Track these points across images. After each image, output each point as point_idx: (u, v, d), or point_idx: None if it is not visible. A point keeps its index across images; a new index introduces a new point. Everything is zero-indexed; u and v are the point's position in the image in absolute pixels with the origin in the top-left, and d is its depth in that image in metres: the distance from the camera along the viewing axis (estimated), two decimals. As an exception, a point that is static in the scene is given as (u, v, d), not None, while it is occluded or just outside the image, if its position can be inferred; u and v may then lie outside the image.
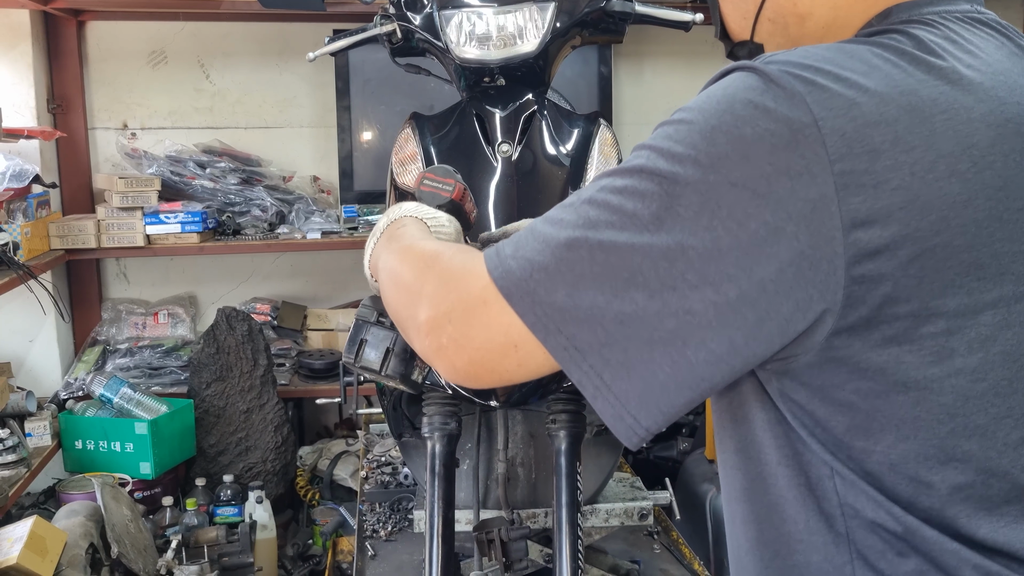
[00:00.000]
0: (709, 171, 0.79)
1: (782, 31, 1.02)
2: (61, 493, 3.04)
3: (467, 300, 0.87)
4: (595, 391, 0.82)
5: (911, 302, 0.78)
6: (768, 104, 0.79)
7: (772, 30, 1.03)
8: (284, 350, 3.66)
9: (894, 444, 0.83)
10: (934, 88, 0.80)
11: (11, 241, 2.95)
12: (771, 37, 1.04)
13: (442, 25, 1.83)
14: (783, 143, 0.77)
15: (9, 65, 3.40)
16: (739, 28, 1.08)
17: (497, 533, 1.70)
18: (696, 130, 0.82)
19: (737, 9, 1.06)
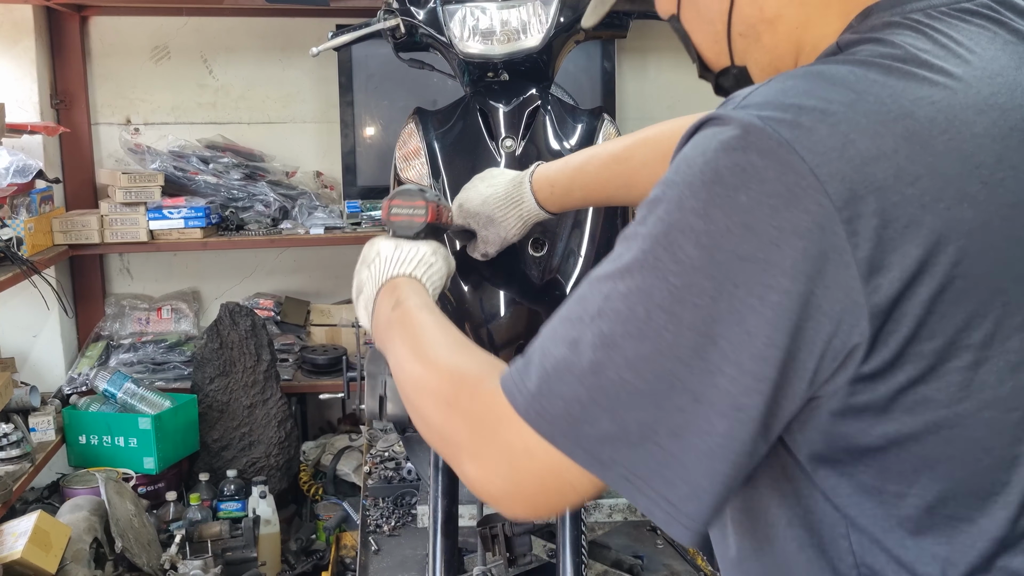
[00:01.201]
0: (714, 251, 0.73)
1: (756, 43, 0.95)
2: (65, 488, 3.05)
3: (510, 454, 0.81)
4: (667, 517, 0.76)
5: (935, 339, 0.74)
6: (755, 162, 0.72)
7: (747, 46, 0.96)
8: (287, 345, 3.66)
9: (929, 485, 0.78)
10: (930, 107, 0.74)
11: (15, 236, 2.96)
12: (749, 54, 0.96)
13: (446, 20, 1.83)
14: (783, 203, 0.71)
15: (12, 60, 3.40)
16: (716, 56, 1.01)
17: (501, 528, 1.71)
18: (688, 210, 0.74)
19: (707, 36, 1.00)
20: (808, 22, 0.90)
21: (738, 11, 0.93)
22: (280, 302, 3.82)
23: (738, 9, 0.93)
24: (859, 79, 0.76)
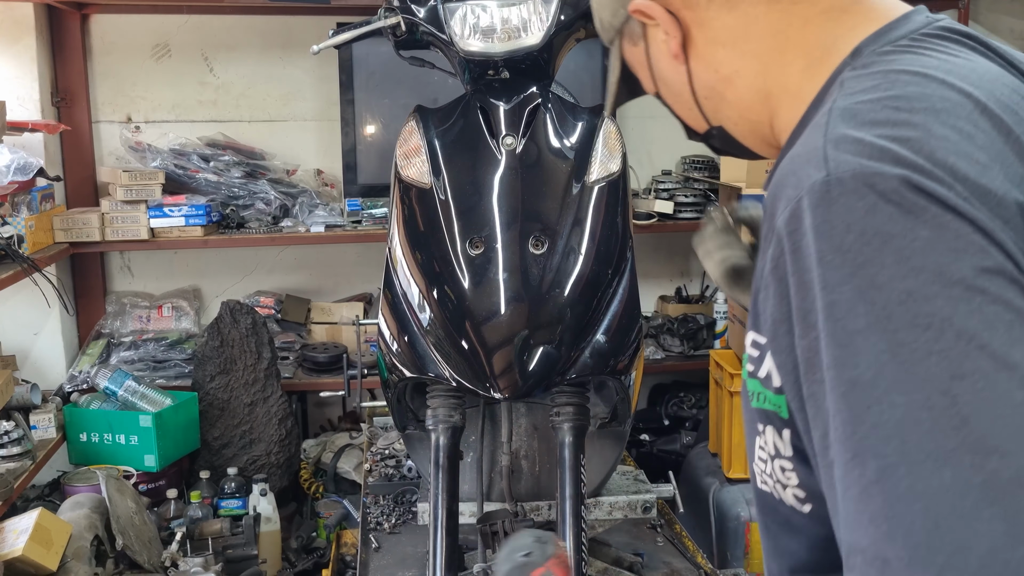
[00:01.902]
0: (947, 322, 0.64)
1: (722, 102, 0.99)
2: (66, 485, 3.05)
3: None
4: None
5: None
6: (900, 212, 0.69)
7: (715, 106, 1.01)
8: (288, 343, 3.66)
9: None
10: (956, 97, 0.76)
11: (15, 234, 2.96)
12: (720, 112, 1.01)
13: (446, 18, 1.83)
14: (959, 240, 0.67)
15: (13, 59, 3.40)
16: (694, 121, 1.07)
17: (501, 525, 1.71)
18: (885, 291, 0.67)
19: (683, 106, 1.05)
20: (767, 71, 0.93)
21: (697, 78, 0.99)
22: (281, 300, 3.82)
23: (696, 76, 0.99)
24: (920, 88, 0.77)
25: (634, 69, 1.11)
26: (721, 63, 0.96)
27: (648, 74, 1.07)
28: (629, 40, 1.07)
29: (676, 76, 1.01)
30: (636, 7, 0.99)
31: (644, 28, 1.02)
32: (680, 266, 4.28)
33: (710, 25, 0.96)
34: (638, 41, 1.05)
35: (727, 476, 3.02)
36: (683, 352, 3.83)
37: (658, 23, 0.98)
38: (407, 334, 1.73)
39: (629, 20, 1.03)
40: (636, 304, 1.76)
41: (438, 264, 1.70)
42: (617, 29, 1.07)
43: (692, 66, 0.99)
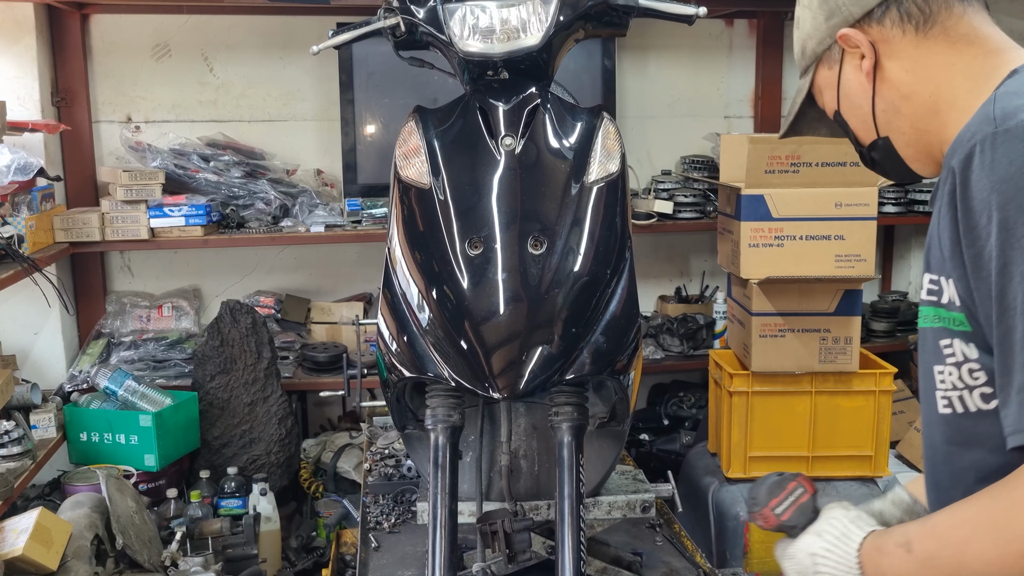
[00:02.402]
0: None
1: (897, 115, 1.29)
2: (66, 485, 3.05)
3: None
4: None
5: None
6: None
7: (888, 119, 1.30)
8: (288, 343, 3.67)
9: None
10: None
11: (16, 234, 2.96)
12: (891, 124, 1.30)
13: (445, 18, 1.84)
14: None
15: (13, 59, 3.40)
16: (865, 132, 1.35)
17: (500, 525, 1.71)
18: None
19: (857, 117, 1.34)
20: (938, 91, 1.24)
21: (879, 95, 1.29)
22: (281, 300, 3.83)
23: (879, 93, 1.29)
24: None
25: (820, 90, 1.39)
26: (902, 84, 1.26)
27: (834, 93, 1.36)
28: (826, 65, 1.36)
29: (862, 92, 1.31)
30: (845, 35, 1.29)
31: (843, 53, 1.31)
32: (680, 266, 4.28)
33: (898, 55, 1.26)
34: (834, 65, 1.34)
35: (726, 476, 3.02)
36: (682, 352, 3.84)
37: (860, 49, 1.28)
38: (406, 334, 1.73)
39: (832, 48, 1.32)
40: (635, 304, 1.77)
41: (437, 264, 1.70)
42: (818, 55, 1.35)
43: (877, 85, 1.29)
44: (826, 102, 1.39)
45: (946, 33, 1.24)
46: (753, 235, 2.85)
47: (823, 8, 1.33)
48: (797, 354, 2.91)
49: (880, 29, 1.27)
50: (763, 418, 2.96)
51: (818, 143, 2.84)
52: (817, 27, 1.34)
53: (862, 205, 2.82)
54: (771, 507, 1.24)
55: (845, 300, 2.89)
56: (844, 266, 2.84)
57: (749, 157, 2.82)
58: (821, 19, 1.33)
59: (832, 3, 1.31)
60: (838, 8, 1.30)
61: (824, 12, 1.32)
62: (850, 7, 1.29)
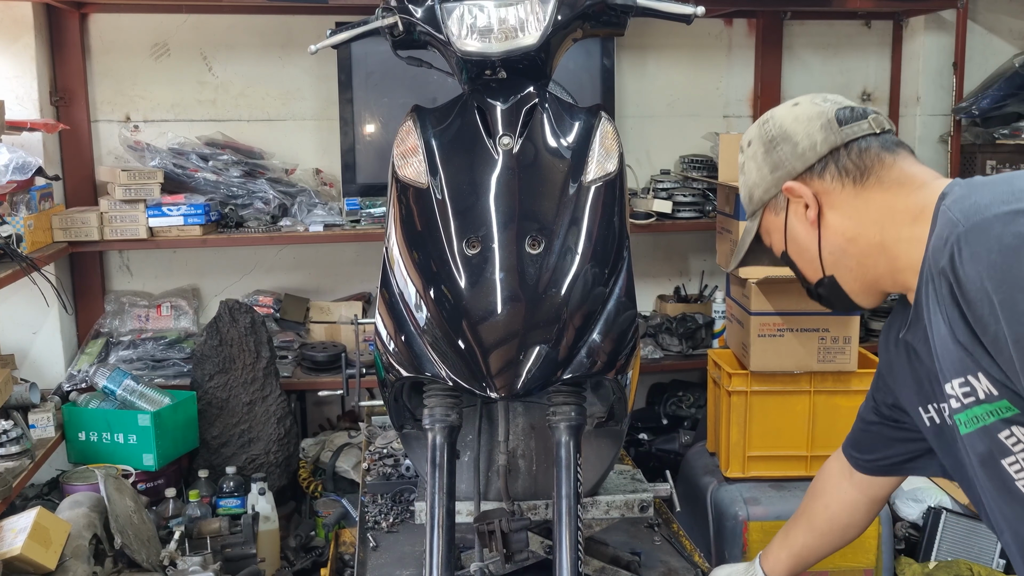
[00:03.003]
0: None
1: (843, 256, 1.42)
2: (65, 484, 3.05)
3: None
4: None
5: None
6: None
7: (835, 260, 1.43)
8: (287, 342, 3.67)
9: None
10: None
11: (14, 233, 2.96)
12: (836, 264, 1.43)
13: (443, 18, 1.83)
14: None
15: (12, 58, 3.40)
16: (812, 272, 1.48)
17: (498, 524, 1.71)
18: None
19: (804, 259, 1.48)
20: (883, 230, 1.36)
21: (825, 240, 1.43)
22: (279, 299, 3.83)
23: (825, 239, 1.43)
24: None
25: (768, 232, 1.53)
26: (846, 229, 1.40)
27: (782, 236, 1.49)
28: (772, 211, 1.49)
29: (808, 238, 1.45)
30: (790, 188, 1.43)
31: (788, 202, 1.45)
32: (678, 265, 4.28)
33: (839, 205, 1.40)
34: (780, 211, 1.47)
35: (725, 475, 3.02)
36: (681, 351, 3.84)
37: (803, 199, 1.42)
38: (404, 333, 1.73)
39: (778, 196, 1.46)
40: (632, 304, 1.77)
41: (435, 264, 1.70)
42: (765, 203, 1.49)
43: (822, 231, 1.43)
44: (774, 243, 1.53)
45: (880, 182, 1.38)
46: (752, 235, 2.84)
47: (767, 161, 1.47)
48: (796, 354, 2.91)
49: (821, 182, 1.42)
50: (762, 418, 2.96)
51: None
52: (763, 177, 1.48)
53: (861, 205, 2.82)
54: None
55: (844, 300, 2.89)
56: (843, 266, 2.84)
57: (748, 157, 2.81)
58: (766, 171, 1.47)
59: (775, 157, 1.45)
60: (781, 162, 1.44)
61: (768, 165, 1.46)
62: (792, 162, 1.43)
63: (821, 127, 1.43)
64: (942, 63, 4.07)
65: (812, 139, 1.43)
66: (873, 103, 4.28)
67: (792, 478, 2.98)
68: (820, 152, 1.42)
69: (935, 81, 4.10)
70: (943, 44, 4.07)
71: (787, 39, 4.15)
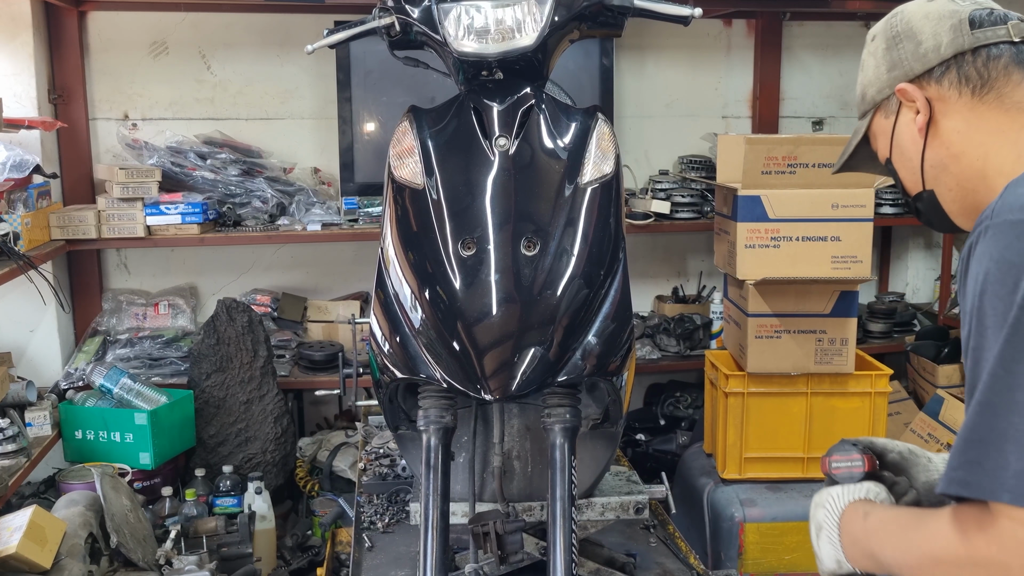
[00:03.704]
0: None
1: (944, 172, 1.34)
2: (61, 483, 3.05)
3: None
4: None
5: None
6: None
7: (936, 174, 1.35)
8: (284, 341, 3.66)
9: None
10: None
11: (11, 231, 2.96)
12: (939, 180, 1.35)
13: (440, 18, 1.83)
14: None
15: (10, 55, 3.40)
16: (912, 183, 1.41)
17: (492, 526, 1.71)
18: None
19: (909, 170, 1.40)
20: (987, 155, 1.28)
21: (930, 150, 1.34)
22: (277, 298, 3.82)
23: (930, 149, 1.34)
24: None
25: (875, 136, 1.45)
26: (953, 143, 1.32)
27: (888, 141, 1.42)
28: (883, 113, 1.41)
29: (913, 146, 1.37)
30: (903, 89, 1.35)
31: (900, 105, 1.37)
32: (677, 266, 4.28)
33: (952, 115, 1.32)
34: (890, 115, 1.40)
35: (721, 477, 3.02)
36: (679, 352, 3.84)
37: (915, 104, 1.34)
38: (399, 334, 1.73)
39: (890, 98, 1.38)
40: (628, 305, 1.76)
41: (430, 265, 1.70)
42: (877, 103, 1.42)
43: (929, 141, 1.34)
44: (879, 148, 1.46)
45: (1000, 100, 1.29)
46: (749, 236, 2.85)
47: (886, 59, 1.38)
48: (793, 355, 2.91)
49: (938, 88, 1.33)
50: (758, 419, 2.96)
51: (815, 144, 2.84)
52: (879, 76, 1.40)
53: (858, 206, 2.82)
54: (832, 459, 1.50)
55: (841, 301, 2.89)
56: (840, 267, 2.84)
57: (746, 158, 2.82)
58: (883, 69, 1.39)
59: (895, 56, 1.37)
60: (900, 62, 1.36)
61: (887, 63, 1.38)
62: (911, 63, 1.35)
63: (951, 27, 1.32)
64: (941, 64, 4.07)
65: (938, 39, 1.33)
66: (872, 104, 4.28)
67: (789, 480, 2.98)
68: (944, 55, 1.32)
69: (934, 82, 4.10)
70: (942, 45, 4.06)
71: (786, 40, 4.15)
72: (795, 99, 4.22)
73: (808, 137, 3.19)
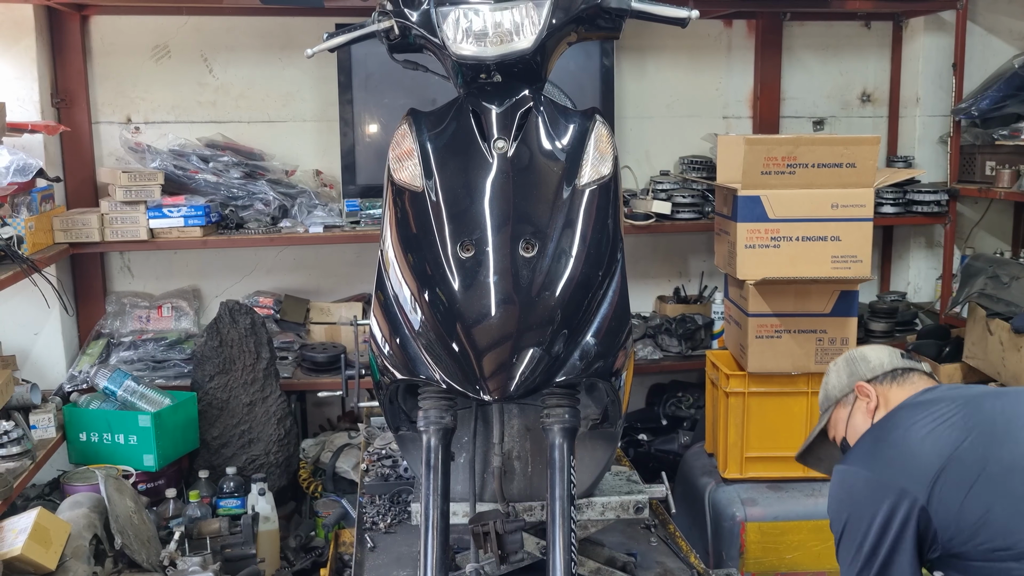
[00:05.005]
0: None
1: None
2: (65, 485, 3.06)
3: None
4: None
5: None
6: None
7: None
8: (287, 343, 3.68)
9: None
10: None
11: (15, 235, 2.98)
12: None
13: (439, 22, 1.84)
14: None
15: (13, 60, 3.42)
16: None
17: (493, 526, 1.72)
18: None
19: (855, 438, 2.01)
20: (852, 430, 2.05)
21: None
22: (280, 300, 3.84)
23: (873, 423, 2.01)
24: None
25: (834, 422, 2.08)
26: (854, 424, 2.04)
27: (844, 425, 2.05)
28: (843, 405, 2.06)
29: (864, 424, 1.99)
30: (862, 388, 2.02)
31: (855, 400, 2.03)
32: (678, 266, 4.29)
33: (885, 402, 2.00)
34: (848, 406, 2.04)
35: (723, 476, 3.03)
36: (681, 352, 3.85)
37: (870, 398, 2.01)
38: (398, 336, 1.74)
39: (848, 395, 2.05)
40: (626, 306, 1.77)
41: (429, 267, 1.71)
42: (838, 400, 2.07)
43: (874, 418, 1.99)
44: (837, 430, 2.08)
45: (902, 388, 2.02)
46: (749, 236, 2.85)
47: (846, 370, 2.07)
48: (793, 355, 2.91)
49: (879, 386, 2.02)
50: (759, 419, 2.97)
51: (814, 144, 2.85)
52: (840, 381, 2.07)
53: (858, 206, 2.83)
54: None
55: (841, 301, 2.90)
56: (840, 267, 2.85)
57: (745, 158, 2.83)
58: (844, 377, 2.07)
59: (852, 368, 2.06)
60: (856, 372, 2.05)
61: (847, 372, 2.07)
62: (863, 372, 2.05)
63: (888, 354, 2.08)
64: (941, 64, 4.07)
65: (881, 361, 2.06)
66: (873, 104, 4.28)
67: (790, 479, 2.98)
68: (885, 369, 2.04)
69: (935, 82, 4.10)
70: (943, 45, 4.07)
71: (787, 40, 4.16)
72: (796, 99, 4.23)
73: (807, 137, 3.20)
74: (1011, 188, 3.66)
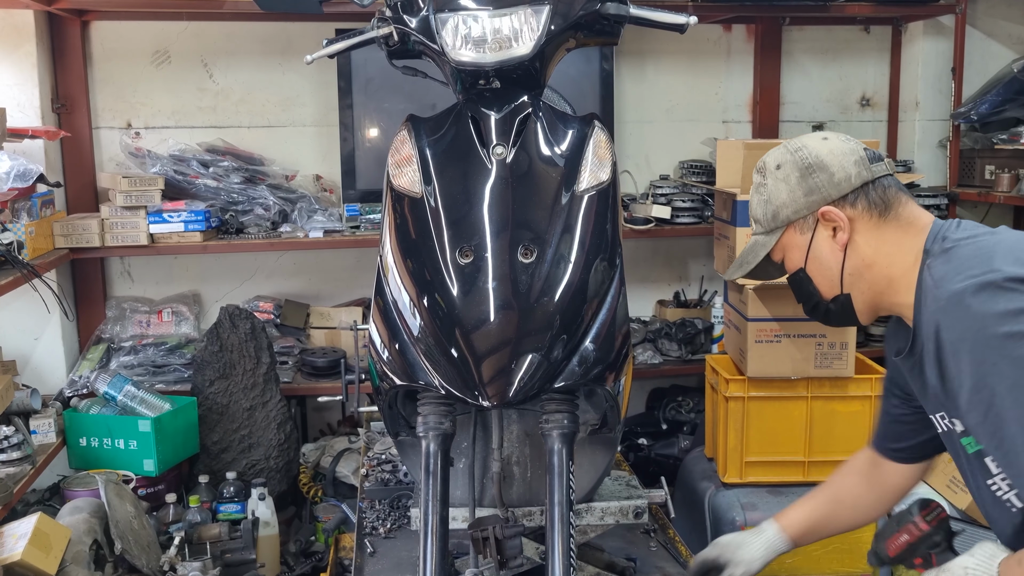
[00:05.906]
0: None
1: (859, 279, 1.65)
2: (65, 490, 3.07)
3: None
4: None
5: None
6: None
7: (853, 281, 1.66)
8: (287, 348, 3.68)
9: None
10: None
11: (16, 240, 2.98)
12: (852, 286, 1.66)
13: (438, 28, 1.84)
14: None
15: (13, 65, 3.43)
16: (828, 289, 1.70)
17: (492, 531, 1.72)
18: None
19: (825, 277, 1.69)
20: (892, 263, 1.61)
21: (848, 262, 1.65)
22: (280, 305, 3.84)
23: (848, 261, 1.65)
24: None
25: (786, 249, 1.72)
26: (866, 255, 1.63)
27: (803, 254, 1.69)
28: (797, 230, 1.68)
29: (833, 258, 1.66)
30: (828, 211, 1.64)
31: (816, 224, 1.66)
32: (678, 271, 4.29)
33: (864, 232, 1.63)
34: (806, 232, 1.67)
35: (723, 481, 3.03)
36: (681, 356, 3.85)
37: (835, 223, 1.63)
38: (397, 342, 1.74)
39: (807, 218, 1.67)
40: (625, 312, 1.78)
41: (428, 272, 1.71)
42: (791, 222, 1.69)
43: (848, 253, 1.64)
44: (789, 259, 1.73)
45: (898, 218, 1.63)
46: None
47: (802, 185, 1.66)
48: (793, 359, 2.91)
49: (852, 210, 1.64)
50: (759, 423, 2.97)
51: (813, 149, 2.84)
52: (795, 199, 1.67)
53: (857, 211, 2.83)
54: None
55: (841, 305, 2.89)
56: (839, 271, 2.84)
57: (745, 163, 2.83)
58: (800, 194, 1.66)
59: (812, 182, 1.65)
60: (818, 188, 1.65)
61: (803, 188, 1.66)
62: (829, 189, 1.64)
63: (855, 163, 1.64)
64: (941, 68, 4.08)
65: (847, 171, 1.64)
66: (872, 108, 4.29)
67: (790, 483, 2.98)
68: (854, 184, 1.63)
69: (934, 86, 4.11)
70: (942, 49, 4.08)
71: (786, 45, 4.16)
72: (795, 103, 4.23)
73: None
74: (1010, 192, 3.66)
